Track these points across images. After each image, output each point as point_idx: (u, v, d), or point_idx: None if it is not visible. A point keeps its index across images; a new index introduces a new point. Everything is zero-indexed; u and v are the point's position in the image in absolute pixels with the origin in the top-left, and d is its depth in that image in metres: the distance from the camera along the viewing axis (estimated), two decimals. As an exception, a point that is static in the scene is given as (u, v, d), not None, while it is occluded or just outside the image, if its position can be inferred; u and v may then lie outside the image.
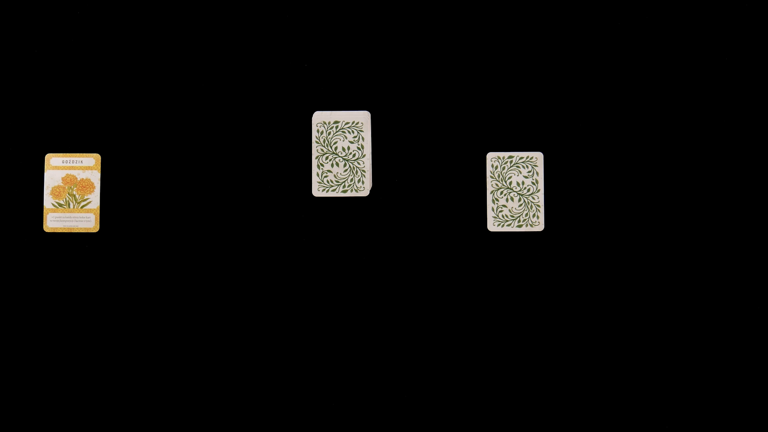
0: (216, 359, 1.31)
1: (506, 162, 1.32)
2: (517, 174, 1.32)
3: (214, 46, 1.34)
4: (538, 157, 1.32)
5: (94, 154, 1.33)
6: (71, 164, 1.32)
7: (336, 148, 1.32)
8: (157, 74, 1.33)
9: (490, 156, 1.32)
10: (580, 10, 1.33)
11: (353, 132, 1.32)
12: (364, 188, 1.30)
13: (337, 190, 1.31)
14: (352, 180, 1.31)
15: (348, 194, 1.32)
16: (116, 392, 1.30)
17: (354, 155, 1.31)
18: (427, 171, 1.32)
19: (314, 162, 1.32)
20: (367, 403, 1.30)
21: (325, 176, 1.32)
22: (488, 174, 1.32)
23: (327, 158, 1.32)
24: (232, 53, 1.34)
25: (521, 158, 1.32)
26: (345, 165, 1.31)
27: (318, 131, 1.32)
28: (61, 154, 1.33)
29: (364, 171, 1.31)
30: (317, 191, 1.32)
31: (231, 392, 1.30)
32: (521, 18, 1.33)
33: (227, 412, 1.30)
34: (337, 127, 1.32)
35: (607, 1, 1.33)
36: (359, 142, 1.32)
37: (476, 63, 1.33)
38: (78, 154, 1.33)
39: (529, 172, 1.32)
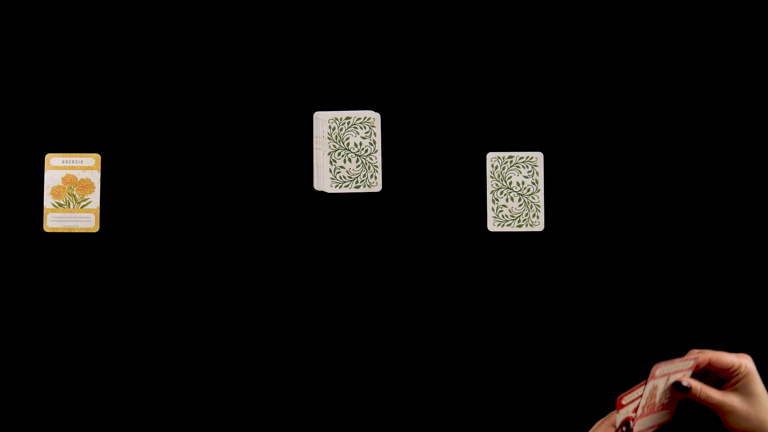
0: (216, 359, 1.31)
1: (506, 162, 1.32)
2: (517, 174, 1.32)
3: (214, 46, 1.34)
4: (538, 157, 1.32)
5: (94, 154, 1.33)
6: (71, 164, 1.32)
7: (348, 144, 1.32)
8: (156, 74, 1.33)
9: (490, 156, 1.32)
10: (580, 10, 1.33)
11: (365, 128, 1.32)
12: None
13: (350, 186, 1.32)
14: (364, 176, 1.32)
15: (361, 190, 1.32)
16: (116, 391, 1.30)
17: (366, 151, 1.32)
18: (428, 171, 1.33)
19: (326, 159, 1.32)
20: (365, 400, 1.30)
21: (337, 172, 1.32)
22: (488, 174, 1.32)
23: (339, 154, 1.32)
24: (231, 54, 1.34)
25: (521, 158, 1.32)
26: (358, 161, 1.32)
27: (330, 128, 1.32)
28: (61, 154, 1.33)
29: (376, 166, 1.32)
30: (329, 186, 1.32)
31: (232, 392, 1.30)
32: (521, 20, 1.33)
33: (228, 412, 1.30)
34: (349, 123, 1.32)
35: (606, 1, 1.33)
36: (371, 137, 1.32)
37: (476, 64, 1.33)
38: (78, 154, 1.33)
39: (529, 172, 1.32)
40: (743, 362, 1.17)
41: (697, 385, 1.17)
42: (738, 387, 1.16)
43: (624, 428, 1.14)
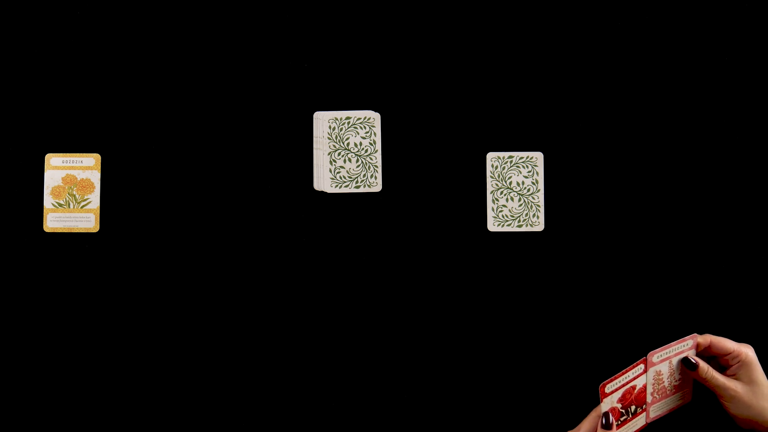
0: (217, 359, 1.31)
1: (506, 162, 1.32)
2: (517, 174, 1.32)
3: (214, 46, 1.34)
4: (538, 157, 1.32)
5: (94, 154, 1.33)
6: (71, 164, 1.32)
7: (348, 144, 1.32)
8: (156, 75, 1.33)
9: (490, 156, 1.32)
10: (580, 10, 1.33)
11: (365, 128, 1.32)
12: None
13: (350, 186, 1.32)
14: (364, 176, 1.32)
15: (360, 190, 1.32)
16: (116, 392, 1.30)
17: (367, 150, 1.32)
18: (428, 171, 1.33)
19: (326, 159, 1.32)
20: (365, 400, 1.30)
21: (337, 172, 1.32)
22: (488, 174, 1.32)
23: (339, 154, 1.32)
24: (231, 54, 1.34)
25: (521, 158, 1.32)
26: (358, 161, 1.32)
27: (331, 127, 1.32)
28: (61, 154, 1.33)
29: (376, 166, 1.32)
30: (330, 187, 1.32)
31: (232, 392, 1.30)
32: (521, 19, 1.34)
33: (228, 412, 1.30)
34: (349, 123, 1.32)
35: (606, 1, 1.33)
36: (371, 137, 1.32)
37: (476, 64, 1.33)
38: (78, 154, 1.33)
39: (529, 172, 1.32)
40: (743, 350, 1.17)
41: (704, 365, 1.17)
42: (740, 375, 1.17)
43: (604, 420, 1.14)
